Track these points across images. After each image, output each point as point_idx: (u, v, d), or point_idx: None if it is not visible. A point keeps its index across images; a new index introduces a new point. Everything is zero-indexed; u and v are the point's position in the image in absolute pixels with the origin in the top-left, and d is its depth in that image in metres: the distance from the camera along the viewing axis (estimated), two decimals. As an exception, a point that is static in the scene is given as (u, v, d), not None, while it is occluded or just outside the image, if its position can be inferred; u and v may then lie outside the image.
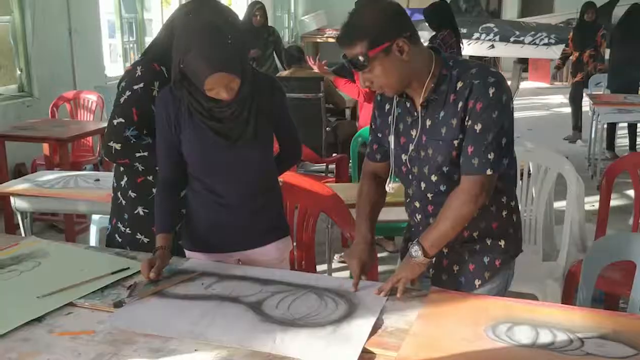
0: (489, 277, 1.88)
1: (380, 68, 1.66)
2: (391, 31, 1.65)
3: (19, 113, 5.69)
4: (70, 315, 1.70)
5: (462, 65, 1.74)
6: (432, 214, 1.83)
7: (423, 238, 1.75)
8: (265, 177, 2.09)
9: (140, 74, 2.13)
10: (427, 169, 1.78)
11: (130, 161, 2.16)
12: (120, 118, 2.13)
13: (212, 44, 1.81)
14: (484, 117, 1.67)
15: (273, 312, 1.69)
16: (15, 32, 5.87)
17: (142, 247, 2.24)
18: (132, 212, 2.25)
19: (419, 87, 1.74)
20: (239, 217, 2.05)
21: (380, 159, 1.96)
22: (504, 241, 1.88)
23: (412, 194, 1.87)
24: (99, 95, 5.56)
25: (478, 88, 1.67)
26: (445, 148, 1.73)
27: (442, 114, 1.73)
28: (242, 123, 1.96)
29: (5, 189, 3.15)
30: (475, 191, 1.71)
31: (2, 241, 2.23)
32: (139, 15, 7.93)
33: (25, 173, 5.54)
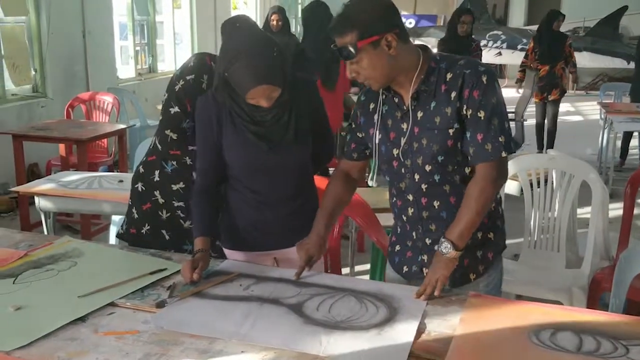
0: (483, 271, 1.92)
1: (367, 60, 1.71)
2: (381, 25, 1.71)
3: (32, 113, 5.72)
4: (113, 315, 1.71)
5: (449, 58, 1.81)
6: (426, 206, 1.86)
7: (449, 233, 1.78)
8: (304, 177, 2.12)
9: (192, 64, 2.18)
10: (421, 159, 1.82)
11: (181, 153, 2.20)
12: (177, 107, 2.16)
13: (259, 57, 1.84)
14: (484, 104, 1.73)
15: (315, 314, 1.70)
16: (31, 32, 5.90)
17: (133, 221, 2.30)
18: (134, 185, 2.32)
19: (406, 81, 1.79)
20: (278, 216, 2.08)
21: (357, 157, 2.00)
22: (493, 234, 1.93)
23: (404, 187, 1.89)
24: (114, 97, 5.57)
25: (470, 77, 1.73)
26: (440, 136, 1.77)
27: (433, 104, 1.78)
28: (282, 126, 1.98)
29: (31, 189, 3.16)
30: (494, 175, 1.76)
31: (36, 240, 2.24)
32: (151, 17, 7.96)
33: (39, 173, 5.58)
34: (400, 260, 2.00)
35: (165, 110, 2.19)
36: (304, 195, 2.12)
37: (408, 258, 1.97)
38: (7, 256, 2.07)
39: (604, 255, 2.96)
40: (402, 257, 1.99)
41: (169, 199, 2.26)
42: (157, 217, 2.24)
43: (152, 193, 2.27)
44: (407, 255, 1.97)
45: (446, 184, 1.83)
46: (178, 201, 2.26)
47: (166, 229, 2.28)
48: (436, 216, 1.86)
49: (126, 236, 2.30)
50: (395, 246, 2.03)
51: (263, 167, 2.02)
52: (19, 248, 2.15)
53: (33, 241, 2.23)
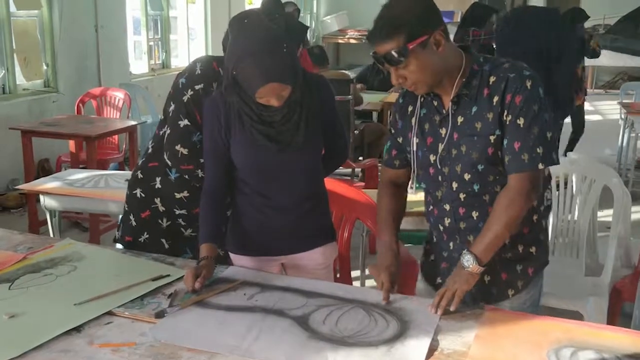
0: (522, 287, 1.82)
1: (416, 62, 1.61)
2: (429, 24, 1.62)
3: (43, 108, 5.67)
4: (110, 325, 1.63)
5: (493, 61, 1.71)
6: (463, 217, 1.76)
7: (473, 247, 1.68)
8: (314, 181, 2.04)
9: (199, 72, 2.06)
10: (459, 167, 1.72)
11: (194, 167, 2.10)
12: (186, 120, 2.04)
13: (267, 54, 1.76)
14: (525, 111, 1.63)
15: (321, 328, 1.62)
16: (43, 27, 5.86)
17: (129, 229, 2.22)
18: (132, 191, 2.23)
19: (449, 83, 1.69)
20: (286, 221, 2.00)
21: (399, 165, 1.90)
22: (535, 248, 1.82)
23: (440, 196, 1.79)
24: (125, 93, 5.51)
25: (514, 81, 1.63)
26: (480, 143, 1.67)
27: (474, 109, 1.68)
28: (292, 127, 1.90)
29: (35, 187, 3.11)
30: (528, 187, 1.66)
31: (37, 243, 2.17)
32: (164, 12, 7.89)
33: (49, 169, 5.53)
34: (434, 271, 1.90)
35: (173, 124, 2.07)
36: (314, 199, 2.03)
37: (443, 269, 1.86)
38: (5, 259, 2.00)
39: (625, 262, 2.85)
40: (436, 268, 1.89)
41: (171, 207, 2.18)
42: (157, 226, 2.16)
43: (152, 200, 2.19)
44: (442, 266, 1.87)
45: (486, 194, 1.73)
46: (180, 209, 2.19)
47: (166, 238, 2.20)
48: (474, 227, 1.75)
49: (121, 242, 2.22)
50: (429, 256, 1.93)
51: (271, 169, 1.94)
52: (17, 251, 2.08)
53: (33, 243, 2.16)
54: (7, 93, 5.51)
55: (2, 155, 5.07)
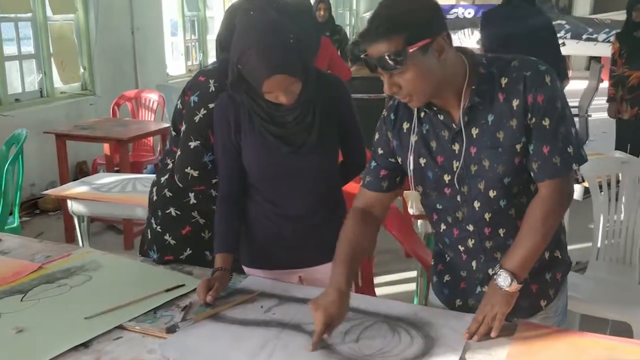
0: (554, 295, 1.67)
1: (414, 69, 1.41)
2: (432, 27, 1.42)
3: (81, 111, 5.71)
4: (119, 340, 1.56)
5: (498, 60, 1.52)
6: (489, 236, 1.60)
7: (506, 263, 1.52)
8: (329, 187, 1.92)
9: (213, 89, 1.92)
10: (482, 184, 1.54)
11: (206, 188, 2.00)
12: (197, 141, 1.93)
13: (271, 43, 1.65)
14: (550, 110, 1.46)
15: (339, 346, 1.51)
16: (79, 30, 5.90)
17: (166, 248, 2.09)
18: (164, 210, 2.11)
19: (454, 93, 1.50)
20: (301, 231, 1.89)
21: (387, 187, 1.67)
22: (559, 251, 1.67)
23: (462, 217, 1.61)
24: (160, 95, 5.50)
25: (533, 79, 1.46)
26: (506, 155, 1.50)
27: (491, 117, 1.50)
28: (305, 128, 1.79)
29: (62, 193, 3.08)
30: (564, 193, 1.51)
31: (55, 251, 2.12)
32: (201, 13, 7.89)
33: (87, 171, 5.57)
34: (451, 292, 1.73)
35: (183, 144, 1.96)
36: (329, 207, 1.91)
37: (462, 290, 1.70)
38: (21, 269, 1.96)
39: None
40: (453, 289, 1.72)
41: (210, 219, 2.08)
42: (199, 240, 2.02)
43: (189, 215, 2.08)
44: (461, 286, 1.70)
45: (512, 208, 1.56)
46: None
47: (210, 250, 2.10)
48: (502, 245, 1.59)
49: (160, 263, 2.08)
50: (443, 276, 1.75)
51: (283, 174, 1.83)
52: (35, 260, 2.04)
53: (51, 252, 2.11)
54: (45, 96, 5.57)
55: (41, 158, 5.11)
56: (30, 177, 4.92)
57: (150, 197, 2.17)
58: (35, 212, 5.17)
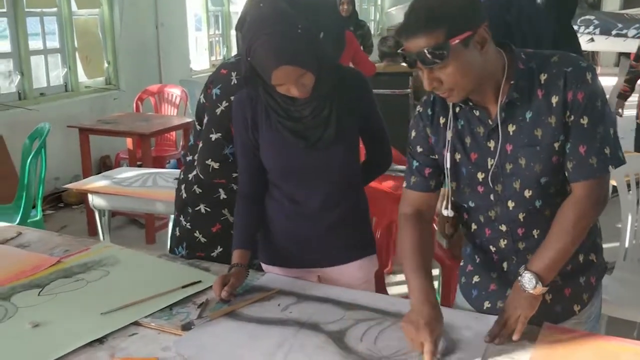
0: (588, 299, 1.61)
1: (456, 63, 1.34)
2: (473, 17, 1.35)
3: (105, 105, 5.74)
4: (134, 336, 1.55)
5: (538, 55, 1.46)
6: (523, 237, 1.54)
7: (532, 264, 1.46)
8: (349, 184, 1.87)
9: (236, 82, 1.91)
10: (518, 183, 1.49)
11: (226, 182, 1.99)
12: (219, 133, 1.93)
13: (277, 34, 1.61)
14: (589, 108, 1.39)
15: (357, 346, 1.48)
16: (104, 25, 5.92)
17: (197, 246, 2.10)
18: (194, 207, 2.10)
19: (492, 88, 1.44)
20: (320, 229, 1.85)
21: (434, 186, 1.61)
22: (595, 254, 1.61)
23: (494, 216, 1.56)
24: (182, 90, 5.51)
25: (574, 76, 1.39)
26: (544, 153, 1.44)
27: (529, 114, 1.44)
28: (321, 123, 1.75)
29: (83, 187, 3.09)
30: (599, 196, 1.44)
31: (74, 245, 2.12)
32: (225, 8, 7.89)
33: (110, 165, 5.60)
34: (480, 294, 1.67)
35: (205, 137, 1.96)
36: (349, 205, 1.86)
37: (492, 292, 1.64)
38: (40, 263, 1.95)
39: None
40: (482, 290, 1.67)
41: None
42: (230, 237, 1.95)
43: (219, 212, 2.07)
44: (491, 288, 1.64)
45: (547, 208, 1.50)
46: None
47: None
48: (535, 246, 1.52)
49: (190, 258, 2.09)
50: (472, 277, 1.70)
51: (301, 169, 1.79)
52: (53, 254, 2.03)
53: (70, 246, 2.11)
54: (69, 91, 5.61)
55: (66, 152, 5.14)
56: (54, 170, 4.96)
57: (179, 195, 2.16)
58: (59, 205, 5.21)
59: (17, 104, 5.02)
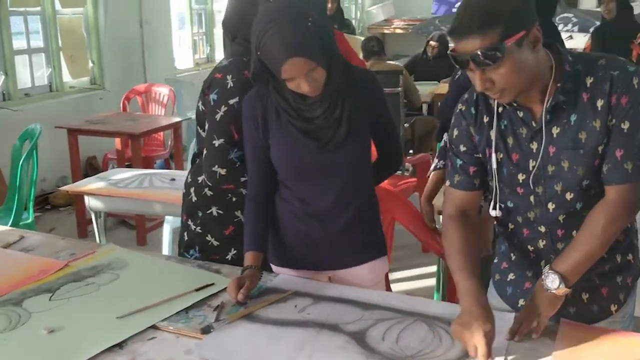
0: (624, 299, 1.62)
1: (510, 64, 1.33)
2: (527, 17, 1.35)
3: (90, 105, 5.67)
4: (153, 340, 1.53)
5: (584, 57, 1.46)
6: (562, 238, 1.55)
7: (557, 264, 1.47)
8: (360, 185, 1.86)
9: (232, 85, 1.89)
10: (559, 186, 1.49)
11: (235, 187, 1.96)
12: (221, 139, 1.90)
13: (288, 26, 1.59)
14: (632, 113, 1.39)
15: (380, 346, 1.48)
16: (88, 24, 5.85)
17: (210, 249, 2.07)
18: (205, 211, 2.07)
19: (538, 89, 1.44)
20: (330, 231, 1.84)
21: (479, 185, 1.61)
22: (632, 255, 1.62)
23: (533, 218, 1.56)
24: (170, 89, 5.46)
25: (620, 79, 1.39)
26: (587, 157, 1.44)
27: (574, 117, 1.44)
28: (333, 123, 1.73)
29: (80, 188, 3.05)
30: (631, 201, 1.44)
31: (79, 248, 2.09)
32: (209, 6, 7.83)
33: (97, 166, 5.54)
34: (514, 291, 1.67)
35: (208, 143, 1.93)
36: (360, 206, 1.84)
37: (527, 290, 1.62)
38: (47, 267, 1.92)
39: None
40: (518, 287, 1.66)
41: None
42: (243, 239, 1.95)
43: (232, 214, 2.04)
44: (526, 286, 1.64)
45: (587, 210, 1.49)
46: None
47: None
48: None
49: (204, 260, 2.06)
50: (507, 274, 1.69)
51: (312, 170, 1.78)
52: (59, 257, 2.00)
53: (75, 249, 2.08)
54: (54, 91, 5.53)
55: (52, 153, 5.06)
56: (41, 172, 4.86)
57: (187, 199, 2.11)
58: (46, 207, 5.14)
59: (2, 104, 4.94)
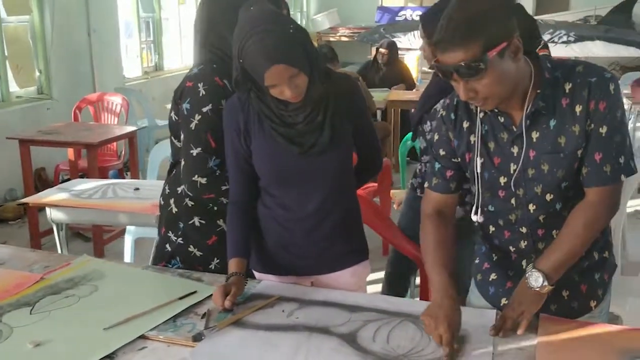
0: (602, 295, 1.69)
1: (493, 74, 1.38)
2: (508, 27, 1.39)
3: (38, 116, 5.53)
4: (145, 350, 1.52)
5: (563, 65, 1.52)
6: (543, 237, 1.61)
7: (540, 263, 1.54)
8: (342, 190, 1.88)
9: (204, 92, 1.88)
10: (539, 188, 1.55)
11: (216, 196, 1.94)
12: (198, 148, 1.89)
13: (271, 33, 1.61)
14: (609, 118, 1.46)
15: (372, 346, 1.51)
16: (35, 32, 5.70)
17: (193, 260, 2.05)
18: (187, 221, 2.04)
19: (519, 96, 1.50)
20: (313, 236, 1.86)
21: (455, 188, 1.67)
22: (607, 252, 1.70)
23: (515, 220, 1.62)
24: (123, 98, 5.37)
25: (598, 86, 1.46)
26: (567, 160, 1.51)
27: (553, 122, 1.50)
28: (316, 128, 1.75)
29: (42, 200, 2.97)
30: (610, 202, 1.52)
31: (52, 261, 2.04)
32: (156, 14, 7.75)
33: (46, 178, 5.39)
34: (497, 291, 1.73)
35: (186, 154, 1.91)
36: (343, 211, 1.87)
37: (508, 289, 1.68)
38: (22, 281, 1.88)
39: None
40: (500, 287, 1.72)
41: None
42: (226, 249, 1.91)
43: (215, 224, 2.02)
44: (507, 285, 1.70)
45: (566, 210, 1.56)
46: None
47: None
48: None
49: None
50: (489, 274, 1.75)
51: (295, 176, 1.79)
52: (33, 270, 1.96)
53: (49, 262, 2.03)
54: (0, 101, 5.35)
55: (0, 165, 4.92)
56: (-14, 184, 4.74)
57: (167, 210, 2.08)
58: (-6, 221, 4.97)
59: (-55, 115, 4.77)
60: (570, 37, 10.88)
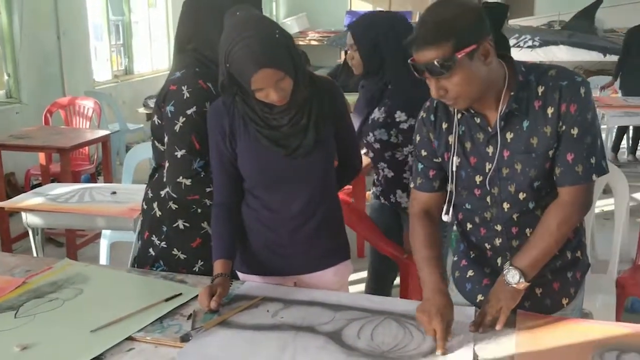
0: (574, 293, 1.76)
1: (462, 74, 1.46)
2: (479, 32, 1.48)
3: (7, 120, 5.45)
4: (132, 351, 1.53)
5: (536, 68, 1.60)
6: (517, 235, 1.68)
7: (517, 261, 1.60)
8: (325, 191, 1.92)
9: (188, 95, 1.90)
10: (513, 187, 1.62)
11: (200, 197, 1.95)
12: (183, 149, 1.90)
13: (257, 38, 1.64)
14: (580, 120, 1.53)
15: (357, 344, 1.55)
16: (3, 35, 5.63)
17: (177, 263, 2.06)
18: (171, 224, 2.05)
19: (493, 98, 1.57)
20: (298, 238, 1.90)
21: (438, 187, 1.74)
22: (580, 252, 1.77)
23: (490, 217, 1.69)
24: (95, 102, 5.33)
25: (568, 89, 1.53)
26: (539, 160, 1.58)
27: (526, 123, 1.57)
28: (300, 131, 1.79)
29: (17, 204, 2.94)
30: (583, 201, 1.59)
31: (33, 265, 2.04)
32: (126, 17, 7.70)
33: (16, 183, 5.32)
34: (473, 287, 1.79)
35: (170, 155, 1.93)
36: (326, 212, 1.91)
37: (485, 286, 1.75)
38: (4, 285, 1.87)
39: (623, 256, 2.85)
40: (476, 284, 1.79)
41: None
42: (210, 251, 1.91)
43: (199, 226, 2.04)
44: (484, 282, 1.76)
45: (539, 209, 1.64)
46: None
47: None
48: None
49: None
50: (466, 271, 1.82)
51: (279, 178, 1.83)
52: (14, 275, 1.95)
53: (30, 265, 2.03)
54: (-32, 105, 5.28)
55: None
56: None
57: (150, 214, 2.08)
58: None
59: None
60: (535, 42, 11.13)
